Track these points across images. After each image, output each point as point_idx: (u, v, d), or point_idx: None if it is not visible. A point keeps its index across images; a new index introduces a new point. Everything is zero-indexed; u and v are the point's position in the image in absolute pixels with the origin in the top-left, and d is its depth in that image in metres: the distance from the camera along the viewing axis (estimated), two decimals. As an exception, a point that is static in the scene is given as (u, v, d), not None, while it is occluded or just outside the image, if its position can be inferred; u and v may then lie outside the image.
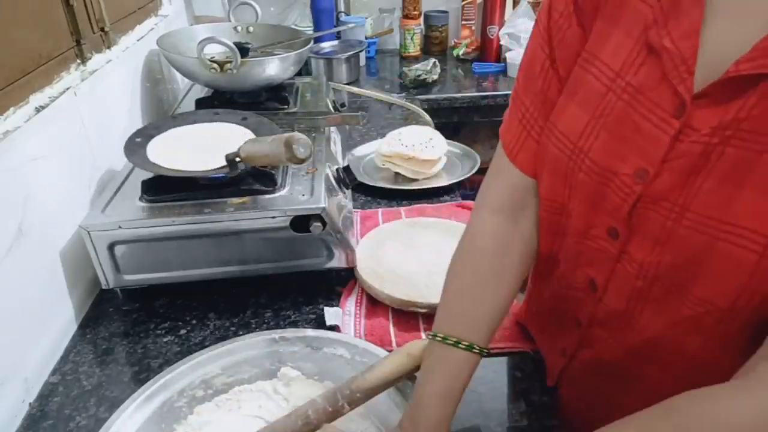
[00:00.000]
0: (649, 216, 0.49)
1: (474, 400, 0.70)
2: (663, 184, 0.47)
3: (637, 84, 0.48)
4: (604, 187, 0.51)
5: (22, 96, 0.79)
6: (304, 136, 0.73)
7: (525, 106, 0.60)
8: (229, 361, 0.69)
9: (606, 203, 0.52)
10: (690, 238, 0.46)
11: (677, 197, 0.46)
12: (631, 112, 0.49)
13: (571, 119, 0.54)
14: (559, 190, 0.57)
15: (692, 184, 0.46)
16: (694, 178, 0.45)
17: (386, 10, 2.12)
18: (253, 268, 0.87)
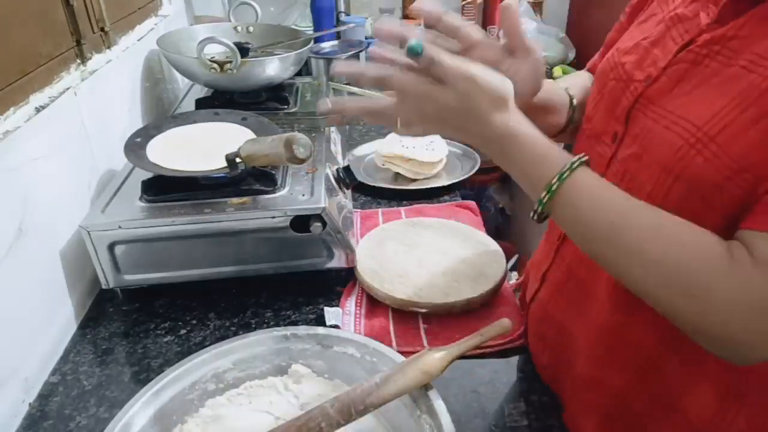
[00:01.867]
0: (638, 117, 0.56)
1: (474, 400, 0.70)
2: (657, 87, 0.55)
3: (681, 14, 0.56)
4: (622, 93, 0.59)
5: (22, 96, 0.79)
6: (304, 136, 0.73)
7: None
8: (241, 357, 0.70)
9: (619, 108, 0.59)
10: (649, 128, 0.54)
11: (661, 97, 0.54)
12: (666, 34, 0.57)
13: (627, 39, 0.63)
14: (592, 98, 0.66)
15: (678, 89, 0.53)
16: (680, 85, 0.53)
17: (386, 10, 2.12)
18: (253, 268, 0.87)
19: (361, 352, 0.70)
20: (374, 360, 0.69)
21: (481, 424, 0.67)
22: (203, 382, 0.67)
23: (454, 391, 0.71)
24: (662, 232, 0.49)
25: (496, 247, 0.95)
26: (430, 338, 0.79)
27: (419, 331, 0.80)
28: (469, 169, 1.24)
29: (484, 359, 0.76)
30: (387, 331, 0.80)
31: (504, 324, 0.67)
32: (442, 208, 1.11)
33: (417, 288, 0.84)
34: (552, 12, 2.11)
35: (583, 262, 0.65)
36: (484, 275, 0.87)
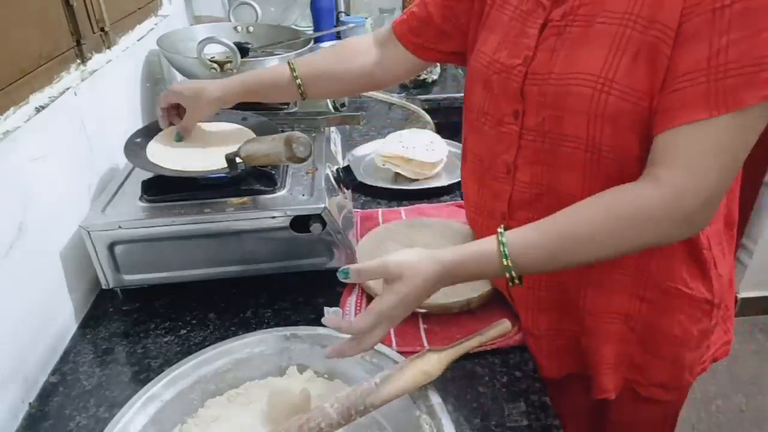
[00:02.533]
0: (532, 90, 0.68)
1: (474, 400, 0.70)
2: (537, 61, 0.68)
3: (526, 9, 0.71)
4: (507, 80, 0.71)
5: (22, 96, 0.79)
6: (304, 135, 0.73)
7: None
8: (241, 357, 0.70)
9: (509, 91, 0.71)
10: (556, 92, 0.66)
11: (544, 68, 0.67)
12: (520, 26, 0.71)
13: (489, 43, 0.75)
14: (479, 94, 0.76)
15: (554, 56, 0.66)
16: (556, 53, 0.66)
17: (386, 10, 2.12)
18: (253, 268, 0.87)
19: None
20: (374, 360, 0.69)
21: (481, 424, 0.67)
22: (203, 382, 0.67)
23: (454, 391, 0.71)
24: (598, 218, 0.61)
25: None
26: (430, 338, 0.79)
27: (419, 331, 0.80)
28: (469, 169, 1.24)
29: (484, 359, 0.76)
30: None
31: (504, 325, 0.68)
32: (442, 208, 1.11)
33: (417, 288, 0.84)
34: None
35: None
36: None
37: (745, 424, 1.81)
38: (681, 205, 0.59)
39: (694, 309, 0.73)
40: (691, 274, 0.72)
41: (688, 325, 0.74)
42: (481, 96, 0.76)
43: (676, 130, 0.59)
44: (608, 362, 0.76)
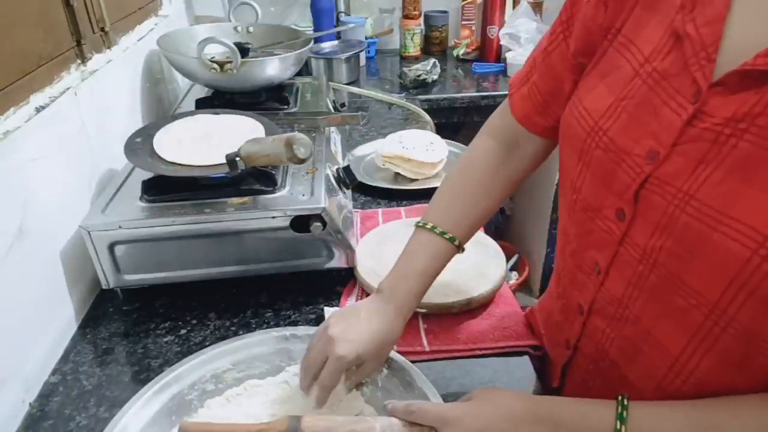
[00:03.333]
0: (654, 199, 0.49)
1: (474, 400, 0.70)
2: (671, 167, 0.48)
3: (662, 70, 0.49)
4: (617, 166, 0.52)
5: (23, 96, 0.79)
6: (305, 136, 0.73)
7: (534, 60, 0.67)
8: (240, 357, 0.70)
9: (616, 183, 0.53)
10: (690, 225, 0.46)
11: (683, 183, 0.47)
12: (653, 96, 0.50)
13: (597, 98, 0.55)
14: (574, 164, 0.58)
15: (700, 173, 0.46)
16: (703, 167, 0.45)
17: (386, 10, 2.12)
18: (253, 268, 0.87)
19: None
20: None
21: (481, 424, 0.67)
22: (202, 382, 0.67)
23: (454, 391, 0.71)
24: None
25: (496, 247, 0.95)
26: (430, 338, 0.79)
27: (419, 331, 0.80)
28: (469, 169, 1.24)
29: (484, 359, 0.76)
30: (387, 331, 0.80)
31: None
32: (442, 208, 1.11)
33: (417, 288, 0.84)
34: (552, 12, 2.11)
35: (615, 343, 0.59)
36: (484, 275, 0.87)
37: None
38: None
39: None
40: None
41: None
42: (575, 167, 0.58)
43: None
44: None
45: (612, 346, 0.60)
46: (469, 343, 0.77)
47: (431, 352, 0.76)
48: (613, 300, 0.57)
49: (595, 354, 0.63)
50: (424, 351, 0.76)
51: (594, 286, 0.59)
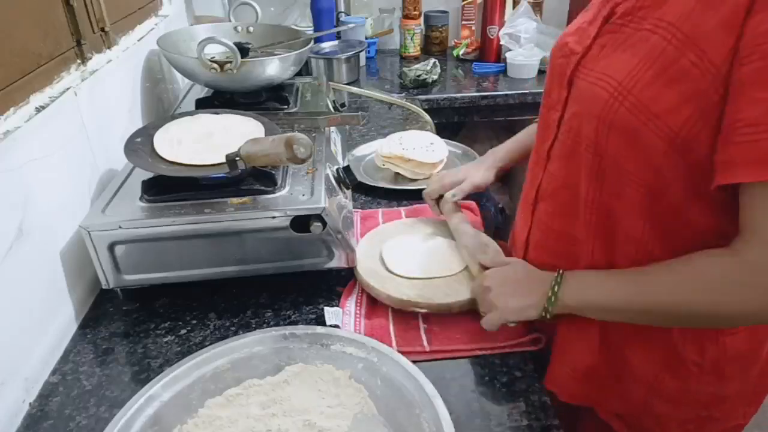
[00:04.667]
0: (578, 82, 0.68)
1: (474, 400, 0.70)
2: (590, 55, 0.67)
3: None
4: (565, 66, 0.70)
5: (23, 96, 0.79)
6: (305, 136, 0.73)
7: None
8: (239, 357, 0.70)
9: (562, 78, 0.70)
10: (584, 90, 0.66)
11: (592, 63, 0.66)
12: (594, 13, 0.69)
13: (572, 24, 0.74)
14: (548, 75, 0.76)
15: (601, 54, 0.65)
16: (604, 51, 0.65)
17: (386, 10, 2.12)
18: (253, 268, 0.87)
19: (360, 350, 0.70)
20: (374, 359, 0.69)
21: (481, 424, 0.67)
22: (202, 382, 0.67)
23: (454, 391, 0.71)
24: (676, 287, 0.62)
25: (496, 247, 0.95)
26: (429, 338, 0.79)
27: (419, 331, 0.80)
28: (469, 169, 1.24)
29: (484, 359, 0.76)
30: (387, 331, 0.80)
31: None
32: (442, 208, 1.11)
33: (417, 288, 0.84)
34: (552, 12, 2.11)
35: (556, 216, 0.75)
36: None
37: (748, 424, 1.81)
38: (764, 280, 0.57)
39: (675, 361, 0.71)
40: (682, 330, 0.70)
41: (660, 372, 0.72)
42: (548, 75, 0.77)
43: (746, 191, 0.56)
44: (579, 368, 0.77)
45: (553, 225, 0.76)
46: (469, 343, 0.77)
47: (431, 352, 0.76)
48: (553, 178, 0.74)
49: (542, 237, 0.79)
50: (424, 351, 0.76)
51: (541, 173, 0.76)
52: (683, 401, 0.73)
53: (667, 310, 0.63)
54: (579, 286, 0.69)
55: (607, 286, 0.67)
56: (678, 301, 0.62)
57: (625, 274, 0.67)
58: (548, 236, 0.78)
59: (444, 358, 0.76)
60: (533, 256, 0.81)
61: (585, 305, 0.69)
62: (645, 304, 0.64)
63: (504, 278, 0.76)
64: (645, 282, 0.64)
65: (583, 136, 0.67)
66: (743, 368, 0.72)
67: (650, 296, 0.64)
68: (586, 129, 0.66)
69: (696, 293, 0.61)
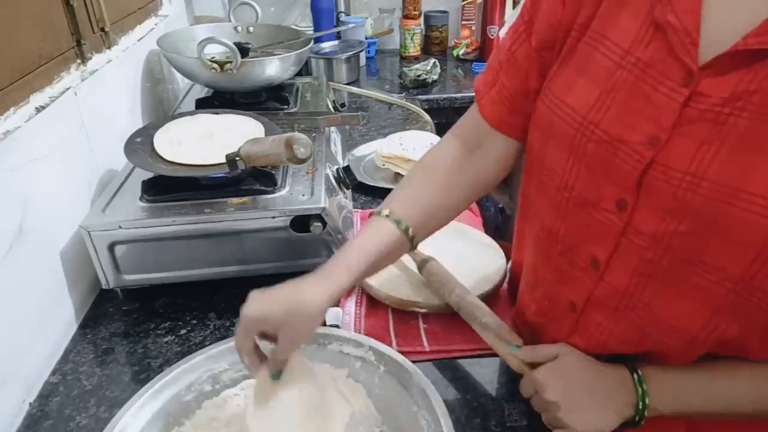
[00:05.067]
0: (658, 186, 0.50)
1: (474, 400, 0.70)
2: (675, 150, 0.48)
3: (647, 59, 0.50)
4: (614, 156, 0.52)
5: (23, 96, 0.79)
6: (305, 136, 0.73)
7: (499, 62, 0.67)
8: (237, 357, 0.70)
9: (615, 173, 0.53)
10: (705, 205, 0.47)
11: (689, 165, 0.48)
12: (641, 84, 0.50)
13: (580, 93, 0.55)
14: (563, 162, 0.58)
15: (705, 153, 0.47)
16: (707, 147, 0.47)
17: (386, 10, 2.12)
18: (253, 268, 0.87)
19: (358, 349, 0.70)
20: (371, 358, 0.69)
21: (481, 424, 0.67)
22: (199, 383, 0.67)
23: (454, 391, 0.71)
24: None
25: (496, 247, 0.95)
26: (429, 338, 0.79)
27: (419, 331, 0.80)
28: (469, 169, 1.24)
29: (484, 359, 0.76)
30: (387, 330, 0.80)
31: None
32: (442, 208, 1.11)
33: (417, 288, 0.84)
34: (552, 12, 2.11)
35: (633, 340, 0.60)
36: (484, 275, 0.87)
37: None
38: None
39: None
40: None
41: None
42: (565, 164, 0.57)
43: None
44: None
45: (610, 337, 0.60)
46: (469, 343, 0.77)
47: (431, 352, 0.76)
48: (615, 292, 0.57)
49: (587, 349, 0.63)
50: (424, 351, 0.77)
51: (592, 281, 0.59)
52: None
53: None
54: (672, 391, 0.58)
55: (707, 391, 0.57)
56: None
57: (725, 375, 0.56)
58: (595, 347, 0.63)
59: (444, 358, 0.76)
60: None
61: (681, 411, 0.58)
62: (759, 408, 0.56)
63: (568, 386, 0.60)
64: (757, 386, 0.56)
65: (710, 266, 0.50)
66: None
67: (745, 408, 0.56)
68: (719, 258, 0.49)
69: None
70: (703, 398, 0.57)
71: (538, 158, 0.62)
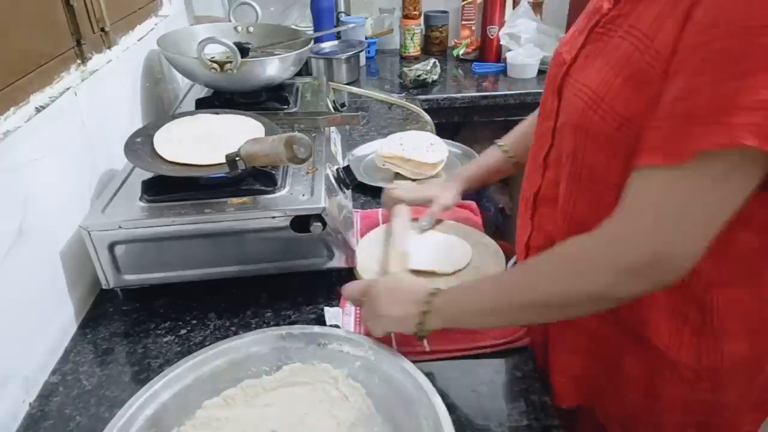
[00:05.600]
0: (565, 91, 0.68)
1: (474, 400, 0.70)
2: (577, 64, 0.67)
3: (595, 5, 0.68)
4: (556, 75, 0.71)
5: (23, 96, 0.79)
6: (305, 136, 0.73)
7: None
8: (237, 357, 0.70)
9: (554, 87, 0.71)
10: (567, 99, 0.67)
11: (576, 72, 0.67)
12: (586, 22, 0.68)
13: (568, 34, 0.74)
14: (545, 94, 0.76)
15: (584, 63, 0.66)
16: (586, 60, 0.65)
17: (386, 10, 2.12)
18: (253, 268, 0.87)
19: (358, 349, 0.70)
20: (371, 357, 0.69)
21: (481, 424, 0.67)
22: (200, 382, 0.67)
23: (454, 391, 0.71)
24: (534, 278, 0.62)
25: (496, 247, 0.95)
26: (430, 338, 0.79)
27: (419, 331, 0.80)
28: (469, 169, 1.24)
29: (484, 359, 0.76)
30: (387, 331, 0.80)
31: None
32: (442, 208, 1.11)
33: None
34: (552, 12, 2.11)
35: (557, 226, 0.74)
36: (483, 275, 0.87)
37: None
38: (616, 253, 0.55)
39: (670, 368, 0.69)
40: (672, 330, 0.67)
41: (654, 378, 0.70)
42: (545, 88, 0.76)
43: (636, 173, 0.55)
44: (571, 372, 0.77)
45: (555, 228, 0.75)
46: (469, 343, 0.77)
47: (431, 352, 0.76)
48: (549, 184, 0.74)
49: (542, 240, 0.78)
50: (424, 351, 0.76)
51: (539, 179, 0.76)
52: (678, 407, 0.71)
53: (524, 302, 0.62)
54: (451, 295, 0.67)
55: (472, 292, 0.67)
56: (533, 291, 0.61)
57: (491, 277, 0.69)
58: (547, 240, 0.77)
59: (444, 358, 0.76)
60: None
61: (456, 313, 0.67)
62: (507, 301, 0.63)
63: (391, 287, 0.72)
64: (504, 281, 0.66)
65: (566, 143, 0.68)
66: (746, 377, 0.69)
67: (509, 294, 0.63)
68: (568, 138, 0.67)
69: (551, 279, 0.60)
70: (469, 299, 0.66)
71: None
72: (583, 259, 0.58)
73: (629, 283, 0.55)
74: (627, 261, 0.55)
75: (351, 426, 0.64)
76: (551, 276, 0.60)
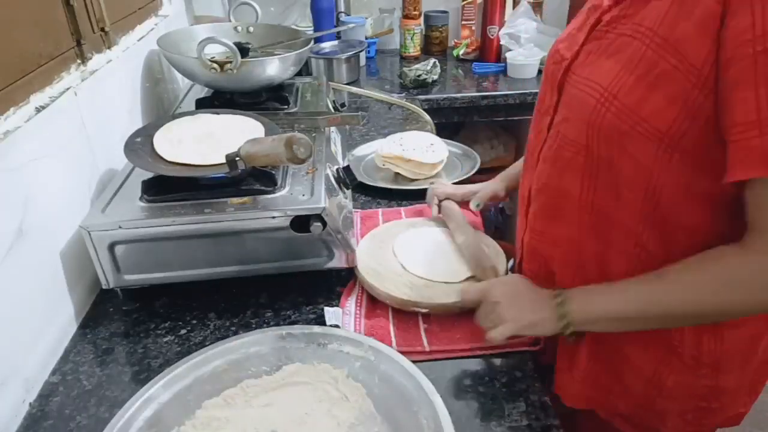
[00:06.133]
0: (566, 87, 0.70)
1: (474, 400, 0.70)
2: (578, 61, 0.69)
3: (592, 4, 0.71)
4: (556, 71, 0.72)
5: (23, 96, 0.79)
6: (305, 136, 0.73)
7: None
8: (237, 357, 0.70)
9: (554, 83, 0.72)
10: (572, 95, 0.68)
11: (579, 69, 0.68)
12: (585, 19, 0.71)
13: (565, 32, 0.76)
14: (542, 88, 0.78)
15: (588, 61, 0.67)
16: (590, 57, 0.67)
17: (386, 10, 2.12)
18: (253, 268, 0.87)
19: (358, 349, 0.70)
20: (371, 357, 0.69)
21: (481, 424, 0.67)
22: (200, 382, 0.67)
23: (454, 391, 0.71)
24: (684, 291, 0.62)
25: (496, 247, 0.95)
26: (430, 338, 0.79)
27: (419, 331, 0.80)
28: (469, 170, 1.24)
29: (484, 359, 0.76)
30: (387, 331, 0.80)
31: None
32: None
33: (417, 288, 0.84)
34: (552, 12, 2.11)
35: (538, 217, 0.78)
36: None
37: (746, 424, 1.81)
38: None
39: (673, 356, 0.72)
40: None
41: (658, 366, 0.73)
42: (541, 85, 0.78)
43: (750, 191, 0.58)
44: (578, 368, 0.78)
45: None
46: (469, 343, 0.77)
47: (431, 352, 0.76)
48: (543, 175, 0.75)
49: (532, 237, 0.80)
50: (424, 351, 0.77)
51: (532, 176, 0.78)
52: (682, 394, 0.73)
53: (677, 313, 0.64)
54: (584, 300, 0.69)
55: (614, 299, 0.67)
56: (687, 303, 0.62)
57: (630, 284, 0.66)
58: (537, 236, 0.79)
59: (444, 358, 0.76)
60: (527, 258, 0.83)
61: (595, 319, 0.68)
62: (658, 310, 0.65)
63: (514, 292, 0.74)
64: (653, 291, 0.65)
65: (570, 140, 0.69)
66: (742, 361, 0.72)
67: (659, 304, 0.64)
68: (574, 133, 0.68)
69: (705, 294, 0.61)
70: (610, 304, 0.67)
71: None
72: (743, 280, 0.60)
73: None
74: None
75: (351, 426, 0.64)
76: (707, 290, 0.62)
